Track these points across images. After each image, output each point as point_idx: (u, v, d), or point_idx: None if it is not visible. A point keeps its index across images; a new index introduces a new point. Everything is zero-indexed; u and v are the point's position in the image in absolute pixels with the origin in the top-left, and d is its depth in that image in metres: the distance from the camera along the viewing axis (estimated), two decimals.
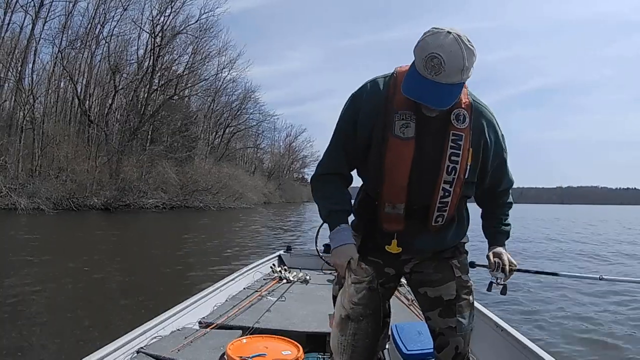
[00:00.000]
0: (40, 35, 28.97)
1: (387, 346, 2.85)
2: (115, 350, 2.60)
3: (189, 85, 42.55)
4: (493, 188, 2.01)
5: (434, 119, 1.71)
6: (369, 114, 1.77)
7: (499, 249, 2.04)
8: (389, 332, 2.60)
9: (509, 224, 2.09)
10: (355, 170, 1.95)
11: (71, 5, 30.48)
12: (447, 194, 1.78)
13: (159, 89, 37.83)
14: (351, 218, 1.93)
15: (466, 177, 1.79)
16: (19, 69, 27.28)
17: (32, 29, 28.11)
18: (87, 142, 31.09)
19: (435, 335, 1.93)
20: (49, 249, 12.05)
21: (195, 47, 40.25)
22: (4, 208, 21.89)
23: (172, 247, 13.31)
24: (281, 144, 78.17)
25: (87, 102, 33.38)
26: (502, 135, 1.90)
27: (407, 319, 3.17)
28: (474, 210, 2.09)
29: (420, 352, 2.59)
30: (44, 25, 29.10)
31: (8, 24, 26.86)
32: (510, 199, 2.10)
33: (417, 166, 1.75)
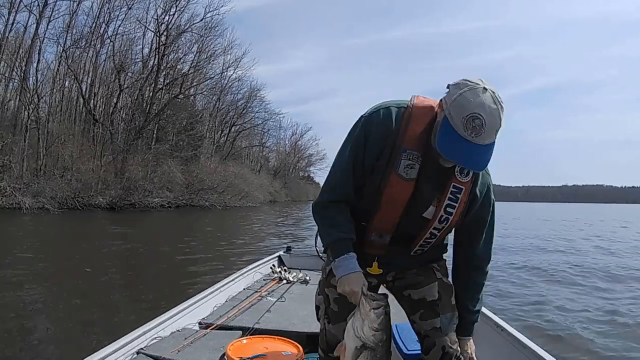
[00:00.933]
0: (45, 35, 28.97)
1: None
2: (115, 351, 2.59)
3: (195, 84, 42.68)
4: (470, 248, 1.96)
5: (440, 168, 1.71)
6: (378, 143, 1.75)
7: (469, 345, 2.03)
8: None
9: (478, 311, 2.03)
10: None
11: (75, 4, 30.48)
12: (433, 236, 1.85)
13: (164, 87, 37.80)
14: None
15: (464, 221, 1.84)
16: (24, 68, 27.25)
17: (36, 28, 28.10)
18: (92, 141, 31.05)
19: (421, 337, 1.96)
20: (51, 248, 11.98)
21: (201, 45, 40.27)
22: (9, 207, 21.83)
23: (176, 246, 13.24)
24: (287, 142, 78.22)
25: (92, 101, 33.36)
26: (492, 200, 1.90)
27: (406, 319, 3.09)
28: None
29: (420, 352, 2.50)
30: (48, 24, 29.10)
31: (12, 23, 26.81)
32: (485, 279, 2.02)
33: (412, 205, 1.77)
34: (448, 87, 1.59)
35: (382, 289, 2.04)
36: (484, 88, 1.50)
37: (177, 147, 38.02)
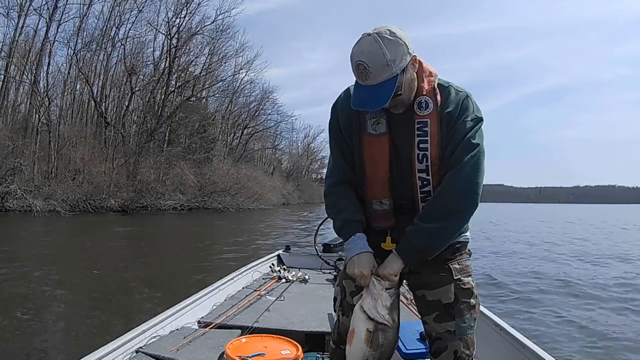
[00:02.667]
0: (55, 38, 29.06)
1: None
2: (114, 350, 2.59)
3: (206, 86, 42.61)
4: (450, 170, 1.75)
5: (403, 113, 1.75)
6: (345, 119, 1.85)
7: (387, 260, 1.81)
8: None
9: (416, 224, 1.76)
10: None
11: (85, 7, 30.57)
12: (425, 182, 1.77)
13: (176, 90, 37.78)
14: None
15: (442, 162, 1.74)
16: (34, 71, 27.22)
17: (47, 31, 28.23)
18: (104, 143, 31.07)
19: (432, 339, 1.89)
20: (61, 250, 11.93)
21: (212, 48, 40.13)
22: (20, 210, 21.81)
23: (187, 249, 13.26)
24: (299, 144, 77.82)
25: (104, 104, 33.40)
26: (474, 114, 1.75)
27: (406, 318, 2.98)
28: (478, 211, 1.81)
29: (420, 351, 2.59)
30: (58, 27, 29.19)
31: (22, 27, 26.93)
32: (449, 187, 1.73)
33: (395, 160, 1.79)
34: None
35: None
36: (367, 34, 1.60)
37: (189, 150, 37.94)
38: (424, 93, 1.75)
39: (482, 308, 3.13)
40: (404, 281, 2.05)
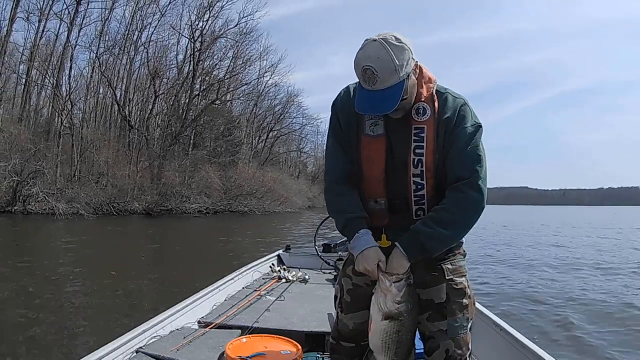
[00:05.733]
0: (76, 42, 29.16)
1: None
2: (114, 350, 2.59)
3: (231, 89, 42.33)
4: (452, 173, 1.79)
5: (402, 117, 1.78)
6: (345, 118, 1.90)
7: (392, 257, 1.78)
8: None
9: (431, 227, 1.75)
10: None
11: (107, 11, 30.60)
12: (419, 186, 1.81)
13: (200, 93, 37.66)
14: None
15: (436, 167, 1.78)
16: (56, 75, 27.30)
17: (68, 35, 28.31)
18: (128, 147, 31.04)
19: (425, 338, 1.91)
20: (80, 252, 11.88)
21: (236, 51, 39.83)
22: (42, 213, 21.65)
23: (210, 251, 13.31)
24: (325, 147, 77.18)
25: (127, 107, 33.41)
26: (473, 120, 1.79)
27: None
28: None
29: (419, 351, 2.31)
30: (79, 32, 29.29)
31: (43, 31, 27.04)
32: (460, 195, 1.75)
33: (390, 161, 1.82)
34: None
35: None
36: (373, 40, 1.62)
37: (214, 153, 37.86)
38: (422, 99, 1.77)
39: (482, 308, 3.24)
40: None
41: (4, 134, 22.52)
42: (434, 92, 1.79)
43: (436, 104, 1.77)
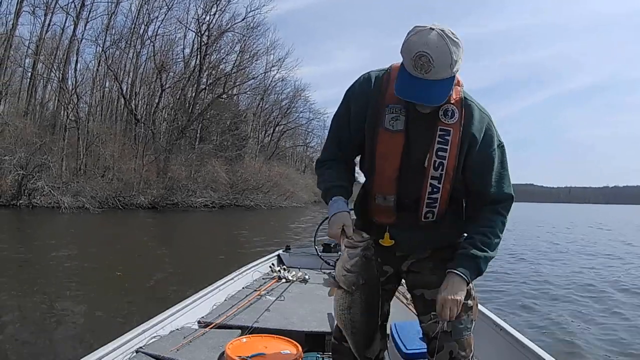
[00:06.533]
0: (82, 36, 29.06)
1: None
2: (114, 350, 2.59)
3: (238, 83, 42.15)
4: (479, 197, 1.84)
5: (425, 115, 1.73)
6: (361, 106, 1.82)
7: (452, 284, 1.76)
8: (389, 331, 2.67)
9: (485, 250, 1.79)
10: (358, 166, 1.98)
11: (113, 5, 30.48)
12: (435, 189, 1.79)
13: (207, 87, 37.54)
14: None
15: (456, 173, 1.77)
16: (62, 69, 27.26)
17: (74, 29, 28.22)
18: (134, 140, 30.92)
19: (429, 339, 1.91)
20: (84, 247, 11.84)
21: (243, 45, 39.72)
22: (47, 207, 21.63)
23: (216, 246, 13.27)
24: None
25: (134, 101, 33.32)
26: (498, 140, 1.82)
27: (406, 318, 3.17)
28: None
29: (420, 351, 2.53)
30: (85, 25, 29.17)
31: (48, 24, 27.02)
32: (501, 219, 1.83)
33: (407, 159, 1.77)
34: None
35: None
36: (430, 29, 1.55)
37: (221, 147, 37.74)
38: (452, 102, 1.74)
39: (482, 308, 3.13)
40: (402, 280, 2.08)
41: (10, 127, 22.52)
42: (463, 97, 1.77)
43: (463, 111, 1.75)
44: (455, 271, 1.75)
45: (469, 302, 1.85)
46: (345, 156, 1.90)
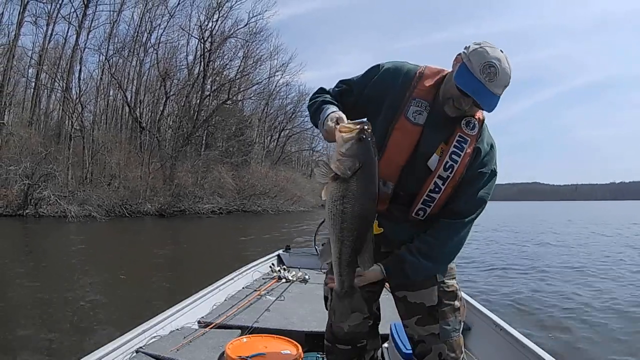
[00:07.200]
0: (85, 45, 29.14)
1: (386, 345, 2.96)
2: (114, 350, 2.60)
3: (242, 89, 42.13)
4: (447, 208, 1.87)
5: (447, 119, 1.79)
6: (387, 84, 1.85)
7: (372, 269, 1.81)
8: (388, 332, 2.84)
9: (416, 257, 1.84)
10: None
11: (115, 14, 30.56)
12: (437, 189, 1.81)
13: (211, 94, 37.48)
14: None
15: (459, 180, 1.81)
16: (66, 78, 27.27)
17: (77, 39, 28.31)
18: (139, 148, 30.85)
19: (414, 342, 1.93)
20: (91, 255, 11.84)
21: (246, 51, 39.51)
22: (54, 216, 21.55)
23: (223, 251, 13.25)
24: None
25: (138, 109, 33.31)
26: (493, 166, 1.87)
27: None
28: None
29: (407, 352, 2.53)
30: (88, 34, 29.26)
31: (51, 34, 27.11)
32: (453, 234, 1.86)
33: (418, 153, 1.81)
34: (466, 47, 1.72)
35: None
36: (501, 50, 1.69)
37: (227, 153, 37.60)
38: (475, 116, 1.83)
39: (482, 308, 3.37)
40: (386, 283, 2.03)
41: (15, 137, 22.51)
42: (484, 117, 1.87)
43: (480, 128, 1.84)
44: (380, 264, 1.82)
45: (456, 303, 1.89)
46: (341, 106, 1.88)
